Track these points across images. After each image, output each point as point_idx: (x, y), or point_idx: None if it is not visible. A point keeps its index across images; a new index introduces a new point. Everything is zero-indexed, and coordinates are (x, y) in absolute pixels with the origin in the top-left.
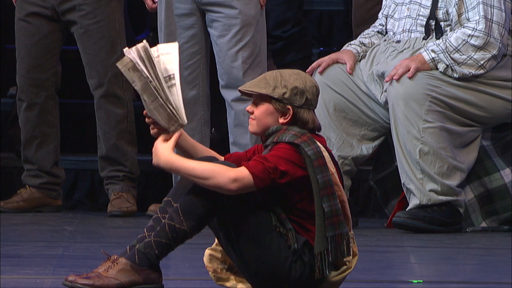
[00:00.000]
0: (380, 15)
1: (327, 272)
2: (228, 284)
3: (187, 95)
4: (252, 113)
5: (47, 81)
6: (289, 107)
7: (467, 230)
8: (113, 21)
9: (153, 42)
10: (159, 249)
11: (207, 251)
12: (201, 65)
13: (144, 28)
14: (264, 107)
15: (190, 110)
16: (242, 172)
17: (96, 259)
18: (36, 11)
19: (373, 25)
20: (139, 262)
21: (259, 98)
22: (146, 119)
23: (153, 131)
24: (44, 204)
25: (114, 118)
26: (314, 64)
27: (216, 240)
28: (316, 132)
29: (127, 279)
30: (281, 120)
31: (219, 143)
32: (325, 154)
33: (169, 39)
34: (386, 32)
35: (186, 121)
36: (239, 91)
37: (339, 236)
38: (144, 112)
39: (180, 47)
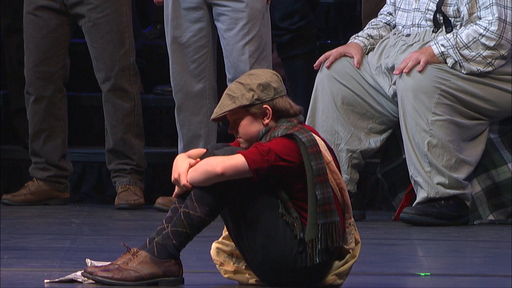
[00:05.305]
0: (388, 0)
1: (317, 260)
2: (235, 277)
3: (194, 88)
4: (236, 133)
5: (55, 75)
6: (265, 106)
7: (474, 223)
8: (121, 14)
9: (160, 35)
10: (177, 239)
11: (214, 244)
12: (208, 58)
13: (150, 21)
14: (244, 121)
15: (197, 103)
16: (234, 155)
17: (104, 251)
18: (45, 5)
19: (380, 12)
20: (158, 254)
21: (234, 116)
22: None
23: None
24: (52, 197)
25: (122, 112)
26: (321, 58)
27: (223, 233)
28: (301, 117)
29: (147, 272)
30: (266, 122)
31: (226, 136)
32: (321, 142)
33: (176, 32)
34: (395, 25)
35: None
36: (213, 120)
37: (330, 224)
38: None
39: (187, 41)
